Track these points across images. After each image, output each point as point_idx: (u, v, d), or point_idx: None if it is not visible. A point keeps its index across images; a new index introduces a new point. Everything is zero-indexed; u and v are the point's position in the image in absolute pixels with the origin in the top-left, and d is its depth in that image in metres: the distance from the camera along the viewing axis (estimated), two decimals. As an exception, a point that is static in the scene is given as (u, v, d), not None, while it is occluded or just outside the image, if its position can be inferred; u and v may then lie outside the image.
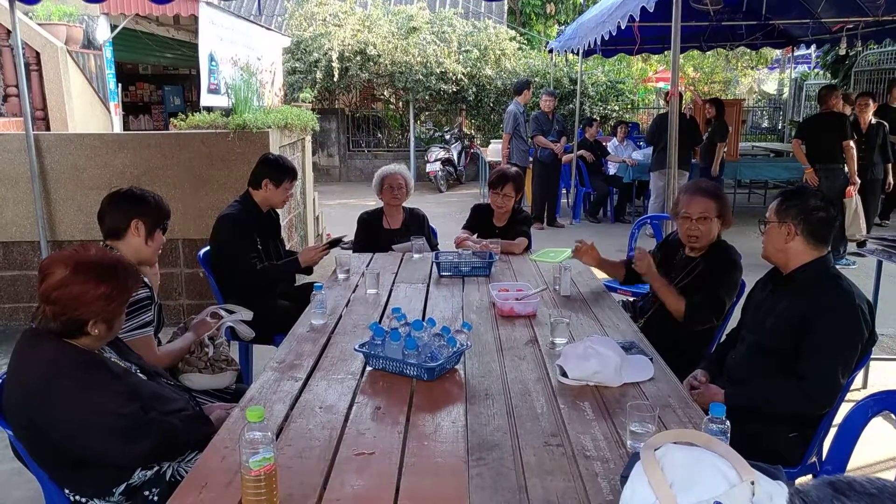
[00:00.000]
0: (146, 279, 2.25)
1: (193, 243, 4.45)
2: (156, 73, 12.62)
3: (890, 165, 6.49)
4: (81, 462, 1.69)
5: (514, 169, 3.81)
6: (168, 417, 1.76)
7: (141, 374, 1.84)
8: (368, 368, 2.04)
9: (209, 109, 5.33)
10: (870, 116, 6.28)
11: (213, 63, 5.65)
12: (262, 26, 7.55)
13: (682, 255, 2.76)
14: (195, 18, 6.02)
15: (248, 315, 2.62)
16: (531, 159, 7.81)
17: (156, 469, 1.76)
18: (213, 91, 5.63)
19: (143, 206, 2.30)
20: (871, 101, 6.38)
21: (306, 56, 11.09)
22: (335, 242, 3.33)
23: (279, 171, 3.22)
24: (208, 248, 3.38)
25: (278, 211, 3.49)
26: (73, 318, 1.65)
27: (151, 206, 2.32)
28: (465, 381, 1.97)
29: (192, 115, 4.98)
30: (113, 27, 7.66)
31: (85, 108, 7.19)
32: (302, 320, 2.51)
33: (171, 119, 5.55)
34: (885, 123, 6.68)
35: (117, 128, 7.63)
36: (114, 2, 6.57)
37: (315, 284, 2.57)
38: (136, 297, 2.10)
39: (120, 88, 8.05)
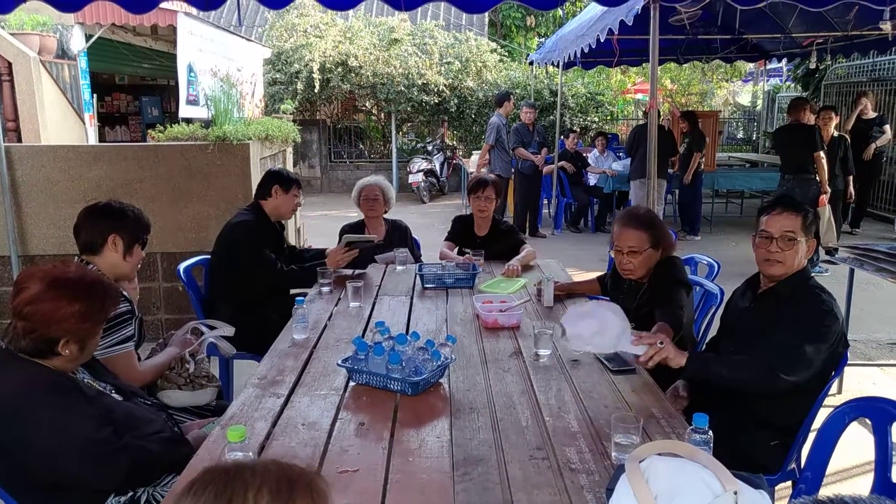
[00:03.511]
0: (125, 293, 2.21)
1: (172, 257, 4.39)
2: (133, 83, 12.47)
3: (851, 178, 6.65)
4: (53, 487, 1.64)
5: (489, 175, 3.87)
6: (143, 441, 1.71)
7: (116, 395, 1.80)
8: (352, 383, 2.02)
9: (188, 121, 5.28)
10: (832, 130, 6.43)
11: (192, 74, 5.60)
12: (243, 37, 7.52)
13: (630, 283, 2.67)
14: (173, 29, 5.98)
15: (229, 331, 2.58)
16: (513, 170, 7.86)
17: (130, 494, 1.72)
18: (192, 102, 5.58)
19: (121, 221, 2.26)
20: (833, 115, 6.54)
21: (287, 67, 11.06)
22: (365, 242, 3.31)
23: (287, 179, 3.34)
24: (192, 261, 3.35)
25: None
26: (43, 336, 1.61)
27: (130, 221, 2.28)
28: (450, 394, 1.96)
29: (171, 126, 4.93)
30: (88, 37, 7.56)
31: (58, 119, 7.08)
32: (284, 335, 2.48)
33: (149, 130, 5.49)
34: (847, 137, 6.85)
35: (92, 139, 7.52)
36: (89, 11, 6.47)
37: (297, 298, 2.55)
38: (117, 312, 2.06)
39: (95, 99, 7.95)
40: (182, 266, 3.29)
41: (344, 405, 1.90)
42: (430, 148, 11.55)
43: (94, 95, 7.91)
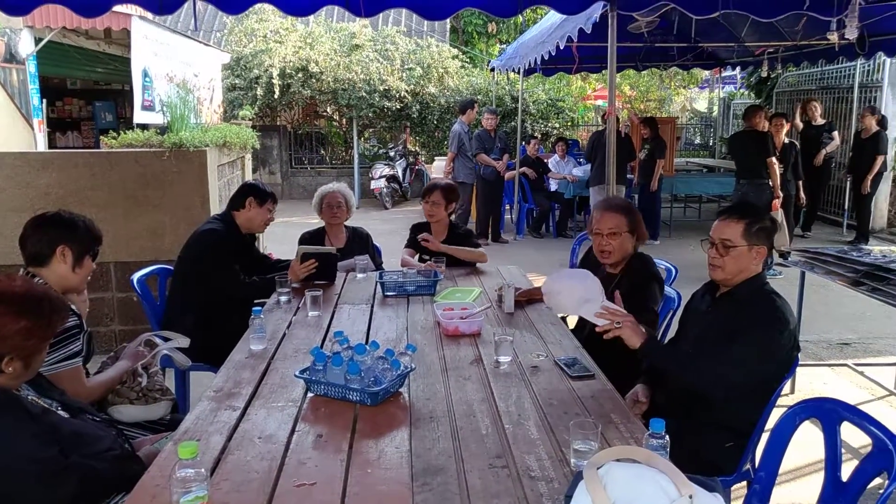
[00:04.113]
0: (74, 307, 2.13)
1: (126, 266, 4.26)
2: (86, 87, 12.13)
3: (801, 182, 6.88)
4: None
5: (444, 181, 3.86)
6: (91, 460, 1.65)
7: (62, 412, 1.73)
8: (310, 395, 1.99)
9: (144, 127, 5.16)
10: (783, 136, 6.63)
11: (148, 79, 5.48)
12: (200, 42, 7.40)
13: (604, 271, 2.78)
14: (128, 33, 5.84)
15: (184, 342, 2.51)
16: (474, 176, 7.90)
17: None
18: (148, 108, 5.46)
19: (71, 232, 2.18)
20: (785, 122, 6.75)
21: (246, 72, 10.92)
22: (321, 256, 3.26)
23: (262, 192, 3.34)
24: (147, 270, 3.27)
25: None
26: None
27: (81, 231, 2.20)
28: (410, 403, 1.94)
29: (125, 132, 4.80)
30: (38, 40, 7.33)
31: (5, 124, 6.84)
32: (241, 346, 2.43)
33: (102, 137, 5.35)
34: (797, 143, 7.08)
35: (42, 146, 7.29)
36: (38, 14, 6.29)
37: (254, 308, 2.50)
38: (64, 327, 1.99)
39: (45, 104, 7.71)
40: (136, 276, 3.20)
41: (302, 417, 1.86)
42: (392, 154, 11.52)
43: (44, 100, 7.68)
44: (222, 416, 1.86)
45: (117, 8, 4.47)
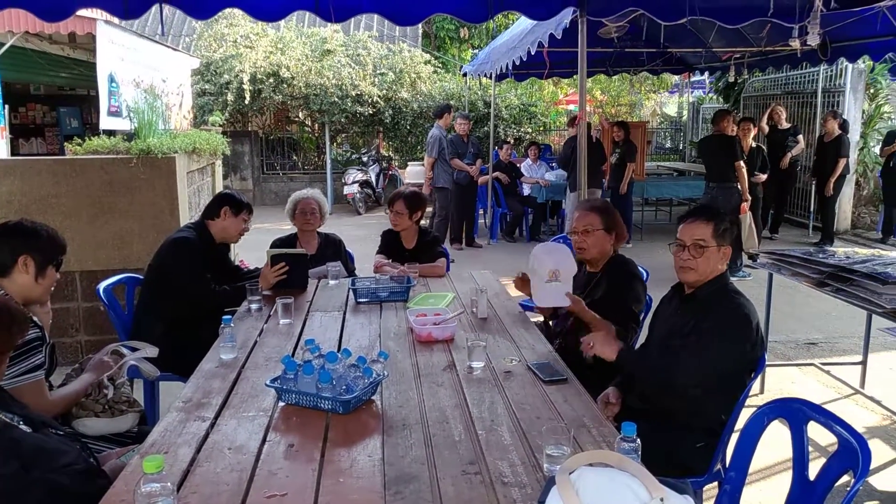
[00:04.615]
0: (36, 318, 2.08)
1: (92, 275, 4.17)
2: (50, 93, 11.87)
3: (764, 176, 7.03)
4: None
5: (409, 189, 3.85)
6: (54, 475, 1.60)
7: (24, 426, 1.68)
8: (281, 404, 1.96)
9: (110, 133, 5.06)
10: (750, 140, 6.77)
11: (114, 84, 5.38)
12: (169, 47, 7.28)
13: (584, 271, 2.86)
14: (93, 37, 5.72)
15: (152, 352, 2.47)
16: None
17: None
18: (114, 114, 5.35)
19: (33, 241, 2.12)
20: (752, 126, 6.89)
21: (217, 78, 10.78)
22: (291, 258, 3.21)
23: (238, 202, 3.31)
24: (113, 280, 3.21)
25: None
26: None
27: (43, 241, 2.15)
28: (382, 411, 1.93)
29: (91, 138, 4.70)
30: None
31: (-33, 131, 6.64)
32: (210, 355, 2.39)
33: (67, 143, 5.23)
34: (763, 147, 7.23)
35: (3, 152, 7.08)
36: (0, 19, 6.13)
37: (224, 317, 2.46)
38: (25, 339, 1.93)
39: (7, 110, 7.51)
40: (102, 285, 3.13)
41: (273, 426, 1.84)
42: (365, 159, 11.47)
43: (6, 106, 7.47)
44: (191, 427, 1.83)
45: (82, 12, 4.37)
